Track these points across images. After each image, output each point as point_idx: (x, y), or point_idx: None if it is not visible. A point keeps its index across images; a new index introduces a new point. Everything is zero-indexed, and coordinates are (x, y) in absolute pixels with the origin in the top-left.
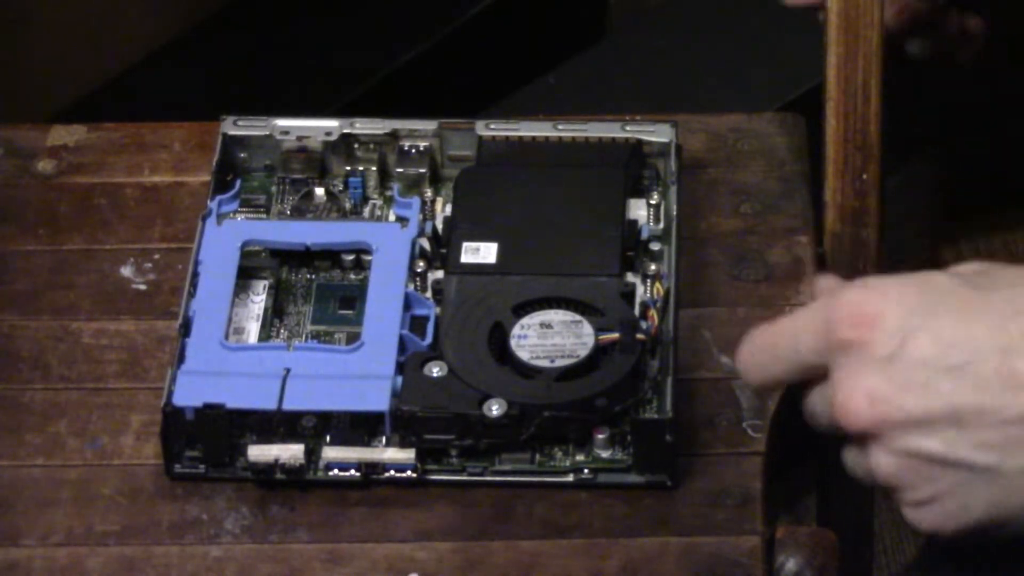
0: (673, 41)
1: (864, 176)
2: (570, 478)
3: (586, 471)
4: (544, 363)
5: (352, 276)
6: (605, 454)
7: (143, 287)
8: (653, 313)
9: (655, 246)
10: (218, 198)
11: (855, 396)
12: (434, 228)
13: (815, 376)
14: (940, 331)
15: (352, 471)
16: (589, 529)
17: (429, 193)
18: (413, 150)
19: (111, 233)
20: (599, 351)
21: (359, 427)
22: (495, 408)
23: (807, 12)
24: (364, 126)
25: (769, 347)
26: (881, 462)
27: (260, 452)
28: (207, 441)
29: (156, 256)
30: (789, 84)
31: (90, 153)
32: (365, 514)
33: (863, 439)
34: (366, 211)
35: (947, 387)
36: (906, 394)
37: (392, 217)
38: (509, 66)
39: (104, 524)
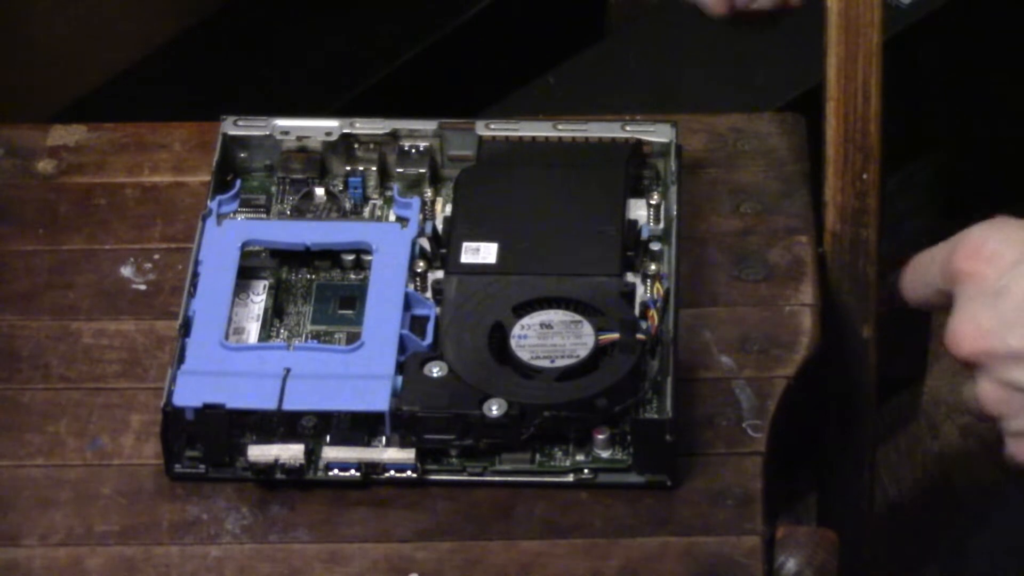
0: (673, 41)
1: (864, 176)
2: (570, 478)
3: (586, 471)
4: (544, 363)
5: (352, 276)
6: (605, 454)
7: (143, 287)
8: (653, 313)
9: (655, 246)
10: (218, 198)
11: (964, 327)
12: (434, 228)
13: (950, 303)
14: None
15: (352, 471)
16: (589, 529)
17: (429, 193)
18: (413, 150)
19: (111, 233)
20: (599, 351)
21: (359, 427)
22: (495, 408)
23: (807, 12)
24: (364, 126)
25: (919, 267)
26: (984, 390)
27: (260, 452)
28: (207, 441)
29: (156, 256)
30: (789, 84)
31: (90, 153)
32: (365, 514)
33: (972, 367)
34: (366, 211)
35: None
36: (1009, 329)
37: (392, 217)
38: (509, 66)
39: (104, 524)
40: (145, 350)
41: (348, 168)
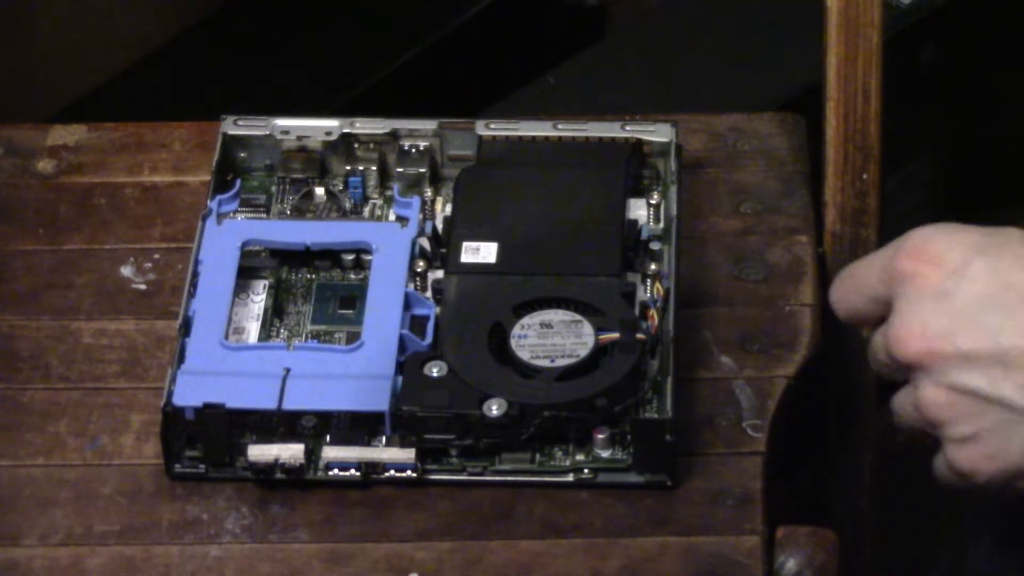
0: (673, 41)
1: (864, 176)
2: (570, 478)
3: (586, 471)
4: (544, 363)
5: (352, 276)
6: (605, 454)
7: (143, 287)
8: (653, 313)
9: (655, 246)
10: (218, 198)
11: (909, 328)
12: (434, 228)
13: (886, 312)
14: (998, 273)
15: (352, 471)
16: (589, 529)
17: (429, 193)
18: (413, 150)
19: (111, 233)
20: (599, 351)
21: (359, 427)
22: (495, 408)
23: (807, 12)
24: (364, 126)
25: (851, 277)
26: (928, 394)
27: (260, 452)
28: (207, 441)
29: (156, 256)
30: (789, 84)
31: (90, 153)
32: (365, 514)
33: (914, 371)
34: (366, 211)
35: (996, 326)
36: (957, 329)
37: (392, 217)
38: (509, 66)
39: (104, 524)
40: (145, 350)
41: (348, 168)
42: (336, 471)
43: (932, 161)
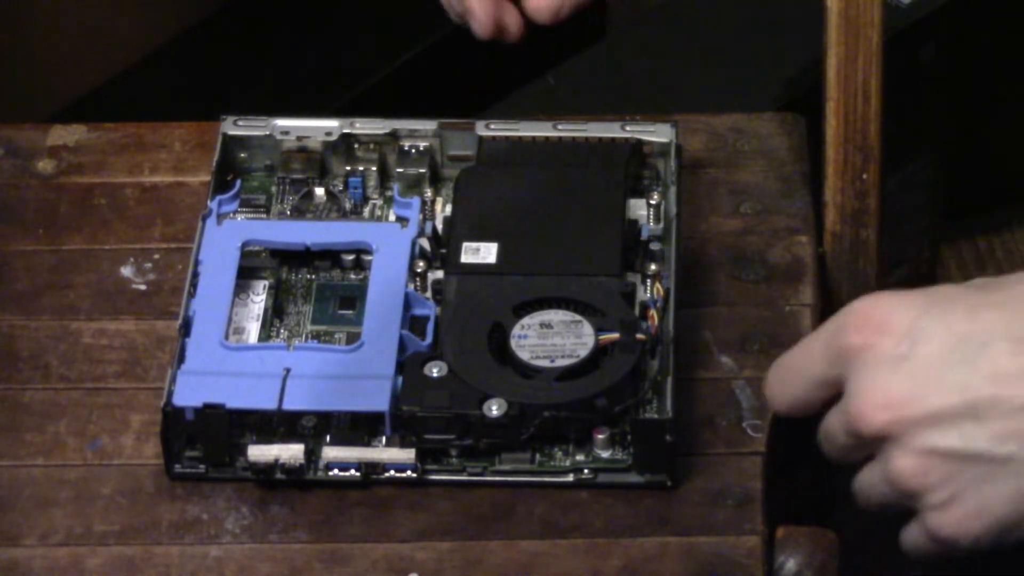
0: (673, 41)
1: (864, 176)
2: (570, 478)
3: (586, 471)
4: (544, 363)
5: (352, 276)
6: (605, 454)
7: (143, 287)
8: (653, 313)
9: (655, 246)
10: (218, 198)
11: (870, 399)
12: (434, 228)
13: (833, 393)
14: (950, 327)
15: (352, 471)
16: (589, 529)
17: (429, 193)
18: (413, 150)
19: (111, 233)
20: (599, 351)
21: (359, 427)
22: (495, 408)
23: (807, 12)
24: (364, 126)
25: (788, 366)
26: (900, 464)
27: (260, 452)
28: (207, 441)
29: (156, 256)
30: (789, 84)
31: (90, 153)
32: (365, 514)
33: (880, 443)
34: (366, 211)
35: (961, 380)
36: (921, 391)
37: (392, 217)
38: (509, 66)
39: (104, 524)
40: (145, 350)
41: (348, 168)
42: (336, 471)
43: (932, 161)
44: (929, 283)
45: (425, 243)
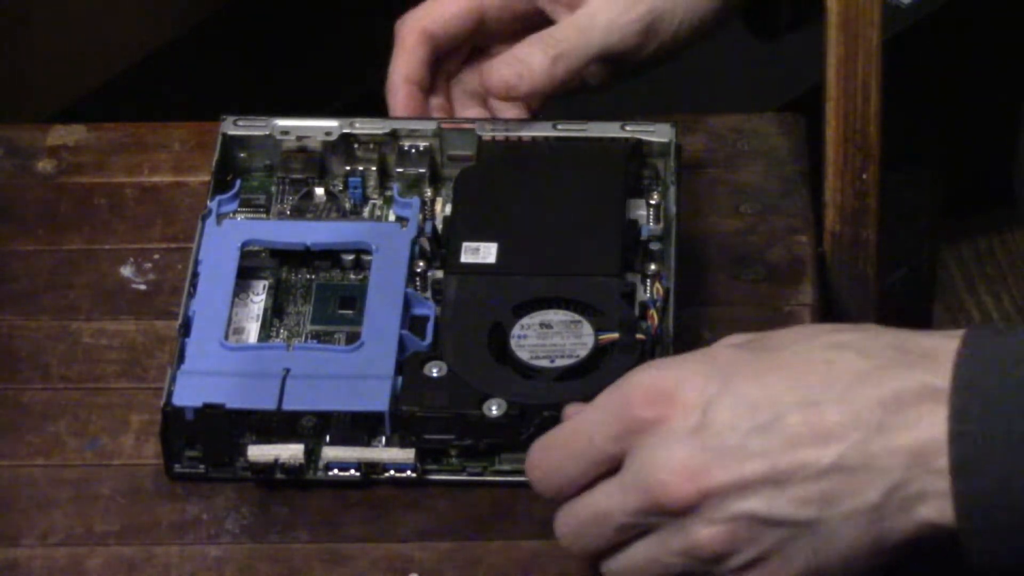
0: None
1: (864, 176)
2: None
3: None
4: (544, 363)
5: (352, 276)
6: None
7: (143, 287)
8: (653, 313)
9: (655, 246)
10: (218, 198)
11: (671, 472)
12: (434, 228)
13: (606, 471)
14: (740, 394)
15: (352, 471)
16: None
17: (429, 193)
18: (413, 150)
19: (111, 233)
20: (599, 351)
21: (359, 427)
22: (495, 408)
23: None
24: (364, 126)
25: (561, 445)
26: (703, 534)
27: (260, 452)
28: (207, 441)
29: (156, 256)
30: (789, 84)
31: (90, 153)
32: (365, 514)
33: (676, 516)
34: (366, 211)
35: (760, 447)
36: (722, 460)
37: (392, 217)
38: None
39: (104, 524)
40: (145, 350)
41: (348, 168)
42: (336, 471)
43: (932, 161)
44: (929, 283)
45: (425, 243)
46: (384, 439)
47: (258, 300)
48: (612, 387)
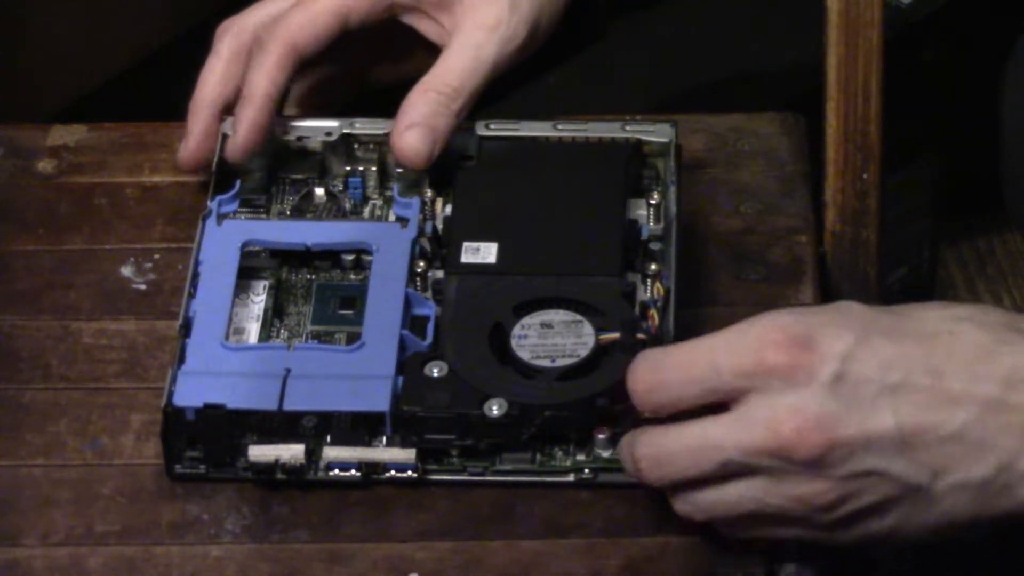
0: (673, 41)
1: (864, 176)
2: (570, 478)
3: (586, 471)
4: (544, 363)
5: (352, 276)
6: (605, 454)
7: (143, 287)
8: (653, 313)
9: (655, 246)
10: (218, 198)
11: (804, 419)
12: (434, 228)
13: (715, 403)
14: (876, 350)
15: (352, 471)
16: (589, 529)
17: (429, 193)
18: None
19: (111, 233)
20: (599, 351)
21: (359, 427)
22: (495, 408)
23: (807, 12)
24: (364, 126)
25: (677, 366)
26: (819, 485)
27: (261, 452)
28: (208, 441)
29: (156, 256)
30: (789, 84)
31: (90, 153)
32: (365, 514)
33: (800, 463)
34: (366, 211)
35: (891, 405)
36: (853, 414)
37: (392, 217)
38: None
39: (104, 524)
40: (145, 350)
41: (348, 168)
42: (336, 471)
43: (932, 161)
44: (929, 283)
45: (425, 243)
46: (385, 439)
47: (258, 300)
48: (745, 323)
